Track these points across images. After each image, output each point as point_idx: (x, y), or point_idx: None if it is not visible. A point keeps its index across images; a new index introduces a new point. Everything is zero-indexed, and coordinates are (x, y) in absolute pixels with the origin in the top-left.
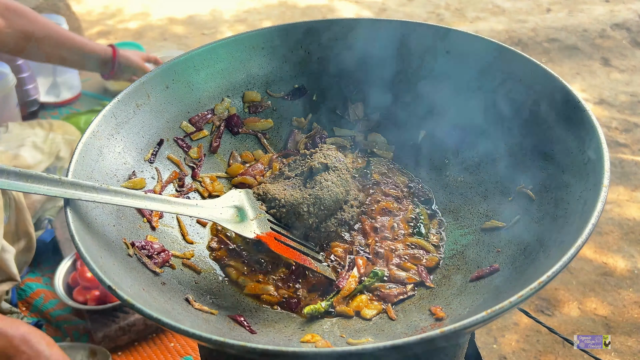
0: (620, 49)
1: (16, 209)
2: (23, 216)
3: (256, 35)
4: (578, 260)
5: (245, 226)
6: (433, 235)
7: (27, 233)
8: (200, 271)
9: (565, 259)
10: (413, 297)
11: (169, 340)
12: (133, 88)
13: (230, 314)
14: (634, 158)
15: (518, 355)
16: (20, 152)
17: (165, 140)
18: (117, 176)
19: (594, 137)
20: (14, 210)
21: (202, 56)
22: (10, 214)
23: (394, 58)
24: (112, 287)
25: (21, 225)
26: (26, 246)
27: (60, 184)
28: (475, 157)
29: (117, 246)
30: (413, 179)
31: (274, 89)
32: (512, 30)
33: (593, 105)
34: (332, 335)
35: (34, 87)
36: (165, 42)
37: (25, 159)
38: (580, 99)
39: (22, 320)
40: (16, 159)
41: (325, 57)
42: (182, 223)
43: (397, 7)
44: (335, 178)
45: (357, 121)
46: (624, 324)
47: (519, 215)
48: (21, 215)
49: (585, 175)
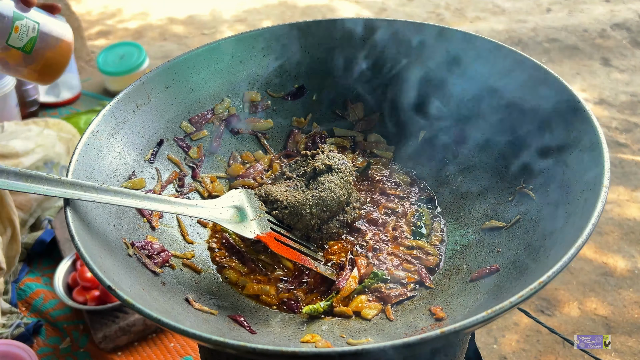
0: (620, 49)
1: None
2: (6, 203)
3: (256, 35)
4: (578, 260)
5: (245, 226)
6: (434, 235)
7: (11, 220)
8: (200, 271)
9: (565, 259)
10: (413, 298)
11: (169, 340)
12: (133, 88)
13: (230, 314)
14: (634, 158)
15: (518, 355)
16: (10, 142)
17: (165, 140)
18: (117, 176)
19: (594, 137)
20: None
21: (202, 56)
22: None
23: (394, 58)
24: (112, 287)
25: (4, 212)
26: (12, 235)
27: (60, 184)
28: (475, 157)
29: (117, 246)
30: (414, 179)
31: (274, 89)
32: (512, 30)
33: (593, 105)
34: (332, 335)
35: (33, 87)
36: (165, 42)
37: (13, 147)
38: (580, 99)
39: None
40: (5, 147)
41: (325, 57)
42: (182, 223)
43: (397, 7)
44: (338, 180)
45: (357, 121)
46: (624, 324)
47: (519, 215)
48: (3, 202)
49: (585, 175)
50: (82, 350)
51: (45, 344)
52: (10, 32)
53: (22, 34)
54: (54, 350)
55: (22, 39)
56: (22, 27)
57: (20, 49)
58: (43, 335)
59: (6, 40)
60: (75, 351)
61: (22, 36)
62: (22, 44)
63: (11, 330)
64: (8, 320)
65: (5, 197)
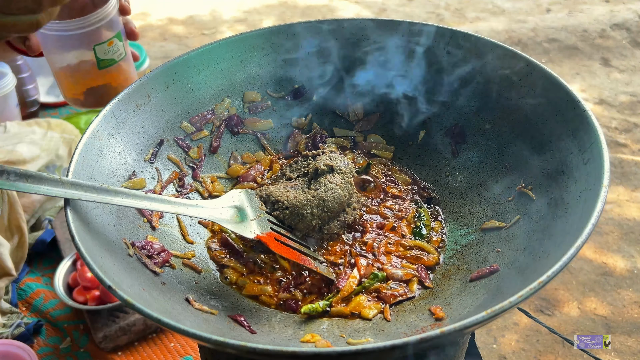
0: (620, 49)
1: (9, 203)
2: (15, 210)
3: (256, 35)
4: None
5: (245, 226)
6: (434, 235)
7: (19, 228)
8: (201, 271)
9: (565, 259)
10: (413, 298)
11: (169, 340)
12: (133, 88)
13: (231, 314)
14: (634, 158)
15: (518, 355)
16: (17, 148)
17: (166, 140)
18: (117, 176)
19: (594, 137)
20: (6, 204)
21: (202, 56)
22: (3, 208)
23: (393, 57)
24: (112, 287)
25: (13, 219)
26: (20, 241)
27: (61, 184)
28: (474, 157)
29: (117, 246)
30: (414, 179)
31: (274, 89)
32: (512, 30)
33: (593, 105)
34: (331, 335)
35: (34, 87)
36: (165, 42)
37: (21, 153)
38: (580, 99)
39: None
40: (12, 153)
41: (325, 57)
42: (182, 223)
43: (397, 7)
44: (339, 180)
45: (357, 121)
46: (624, 324)
47: (519, 215)
48: (13, 209)
49: (585, 175)
50: (82, 350)
51: (45, 344)
52: (104, 41)
53: (109, 50)
54: (54, 350)
55: (106, 54)
56: (115, 45)
57: (97, 60)
58: (43, 335)
59: (95, 45)
60: (75, 351)
61: (108, 52)
62: (102, 57)
63: (11, 330)
64: (8, 320)
65: (15, 204)
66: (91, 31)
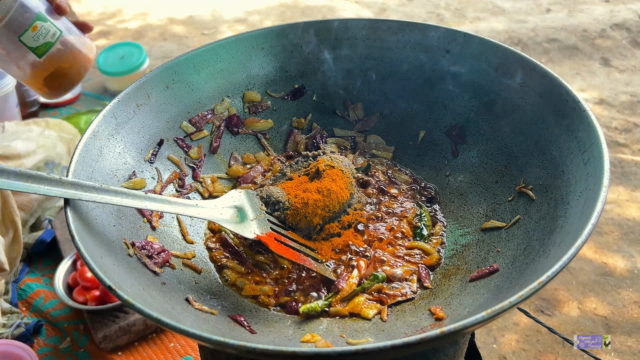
0: (620, 49)
1: (2, 198)
2: (9, 204)
3: (256, 35)
4: (578, 260)
5: (245, 226)
6: (434, 235)
7: (13, 222)
8: (201, 271)
9: (565, 259)
10: (413, 298)
11: (169, 340)
12: (133, 88)
13: (231, 313)
14: (634, 158)
15: (518, 355)
16: (12, 143)
17: (166, 140)
18: (117, 176)
19: (594, 137)
20: (0, 198)
21: (202, 56)
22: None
23: (393, 58)
24: (112, 287)
25: (7, 214)
26: (14, 236)
27: (61, 184)
28: (474, 157)
29: (117, 246)
30: (414, 179)
31: (274, 89)
32: (512, 30)
33: (593, 105)
34: (331, 335)
35: None
36: (165, 42)
37: (15, 148)
38: (580, 99)
39: None
40: (7, 148)
41: (325, 57)
42: (182, 223)
43: (397, 7)
44: (340, 181)
45: (357, 121)
46: (624, 324)
47: (519, 215)
48: (7, 204)
49: (585, 175)
50: (82, 350)
51: (45, 344)
52: (26, 29)
53: (38, 35)
54: (54, 350)
55: (36, 40)
56: (41, 28)
57: (31, 49)
58: (43, 335)
59: (19, 36)
60: (75, 351)
61: (38, 37)
62: (34, 45)
63: (11, 330)
64: (8, 320)
65: (8, 198)
66: (1, 27)
